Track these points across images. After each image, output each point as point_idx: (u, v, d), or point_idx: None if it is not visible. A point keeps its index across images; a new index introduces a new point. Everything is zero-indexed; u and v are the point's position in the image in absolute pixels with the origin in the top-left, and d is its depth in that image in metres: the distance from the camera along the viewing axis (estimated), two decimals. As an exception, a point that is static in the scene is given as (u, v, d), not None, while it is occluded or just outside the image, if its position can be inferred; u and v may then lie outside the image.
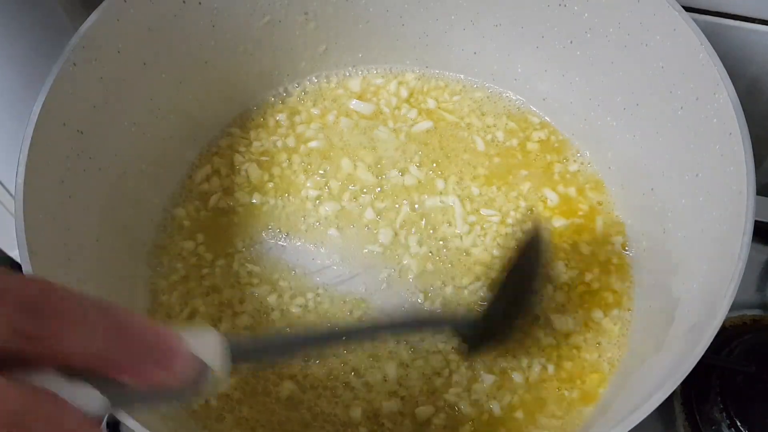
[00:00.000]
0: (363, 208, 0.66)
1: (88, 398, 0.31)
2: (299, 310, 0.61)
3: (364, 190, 0.67)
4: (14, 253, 0.64)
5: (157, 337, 0.32)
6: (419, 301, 0.61)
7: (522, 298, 0.55)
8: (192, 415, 0.57)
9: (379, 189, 0.67)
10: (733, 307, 0.45)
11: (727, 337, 0.64)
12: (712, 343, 0.44)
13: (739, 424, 0.59)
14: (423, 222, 0.65)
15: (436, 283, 0.62)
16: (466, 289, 0.62)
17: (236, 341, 0.37)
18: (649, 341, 0.56)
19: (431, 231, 0.65)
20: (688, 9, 0.55)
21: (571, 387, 0.58)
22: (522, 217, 0.65)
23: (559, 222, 0.65)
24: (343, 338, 0.50)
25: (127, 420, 0.42)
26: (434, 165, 0.68)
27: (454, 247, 0.64)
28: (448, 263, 0.63)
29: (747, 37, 0.66)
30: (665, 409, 0.62)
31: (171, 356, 0.32)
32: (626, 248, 0.64)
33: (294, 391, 0.58)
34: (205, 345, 0.35)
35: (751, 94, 0.70)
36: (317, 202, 0.66)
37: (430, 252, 0.64)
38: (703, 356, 0.44)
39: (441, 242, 0.64)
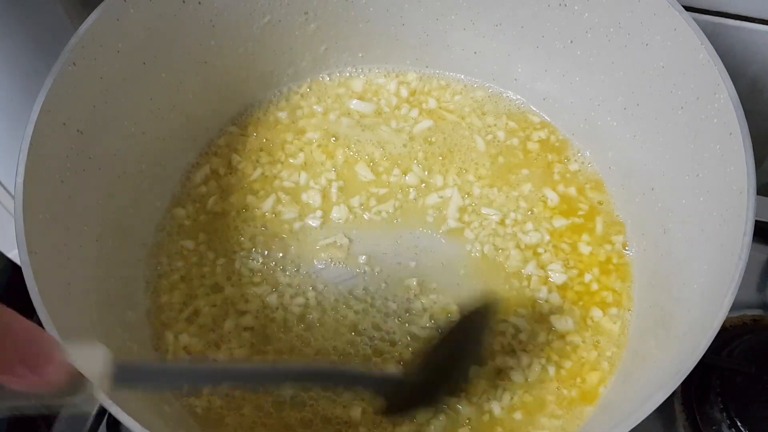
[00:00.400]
0: (364, 207, 0.66)
1: None
2: (300, 309, 0.61)
3: (366, 190, 0.67)
4: (14, 253, 0.64)
5: (34, 341, 0.33)
6: (422, 301, 0.62)
7: (450, 371, 0.54)
8: (194, 415, 0.57)
9: (380, 188, 0.67)
10: (733, 307, 0.45)
11: (727, 337, 0.64)
12: (712, 343, 0.44)
13: (739, 424, 0.59)
14: (426, 220, 0.65)
15: (435, 282, 0.62)
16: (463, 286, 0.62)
17: (124, 361, 0.36)
18: (649, 341, 0.56)
19: (432, 231, 0.65)
20: (688, 9, 0.55)
21: (570, 386, 0.58)
22: (522, 217, 0.65)
23: (559, 222, 0.65)
24: (248, 380, 0.47)
25: (128, 421, 0.42)
26: (435, 164, 0.68)
27: (458, 244, 0.64)
28: (449, 262, 0.63)
29: (747, 37, 0.66)
30: (665, 409, 0.62)
31: (45, 362, 0.33)
32: (626, 248, 0.64)
33: (295, 391, 0.58)
34: (88, 359, 0.34)
35: (751, 94, 0.70)
36: (318, 201, 0.66)
37: (431, 251, 0.64)
38: (703, 356, 0.44)
39: (443, 242, 0.64)
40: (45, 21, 0.66)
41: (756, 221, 0.48)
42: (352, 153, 0.69)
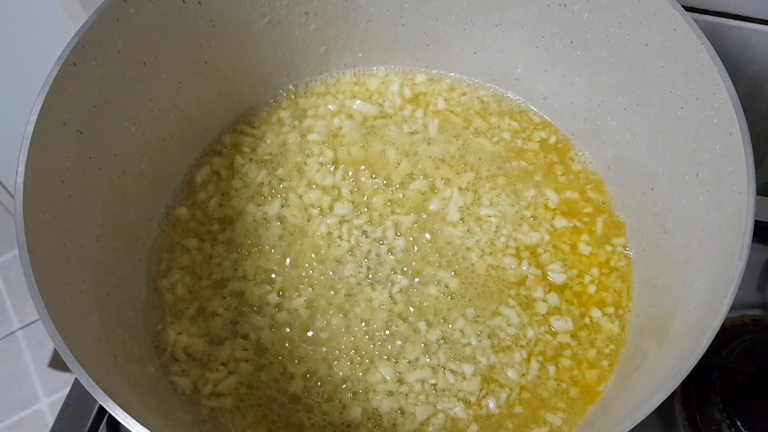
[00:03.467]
0: (368, 207, 0.66)
1: None
2: (304, 310, 0.61)
3: (370, 190, 0.67)
4: (14, 253, 0.64)
5: None
6: (426, 301, 0.62)
7: None
8: (194, 415, 0.57)
9: (383, 188, 0.67)
10: (733, 307, 0.45)
11: (727, 337, 0.64)
12: (712, 343, 0.44)
13: (739, 424, 0.59)
14: (428, 222, 0.65)
15: (437, 282, 0.63)
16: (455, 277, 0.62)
17: None
18: (649, 341, 0.56)
19: (438, 233, 0.65)
20: (688, 9, 0.55)
21: (570, 384, 0.58)
22: (523, 218, 0.65)
23: (559, 222, 0.65)
24: None
25: (127, 421, 0.42)
26: (437, 164, 0.68)
27: (459, 246, 0.64)
28: (448, 258, 0.63)
29: (747, 37, 0.66)
30: (665, 409, 0.62)
31: None
32: (626, 248, 0.64)
33: (295, 391, 0.58)
34: None
35: (751, 94, 0.70)
36: (321, 201, 0.66)
37: (437, 253, 0.64)
38: (703, 356, 0.44)
39: (447, 244, 0.64)
40: (45, 21, 0.67)
41: (756, 221, 0.48)
42: (354, 154, 0.69)
